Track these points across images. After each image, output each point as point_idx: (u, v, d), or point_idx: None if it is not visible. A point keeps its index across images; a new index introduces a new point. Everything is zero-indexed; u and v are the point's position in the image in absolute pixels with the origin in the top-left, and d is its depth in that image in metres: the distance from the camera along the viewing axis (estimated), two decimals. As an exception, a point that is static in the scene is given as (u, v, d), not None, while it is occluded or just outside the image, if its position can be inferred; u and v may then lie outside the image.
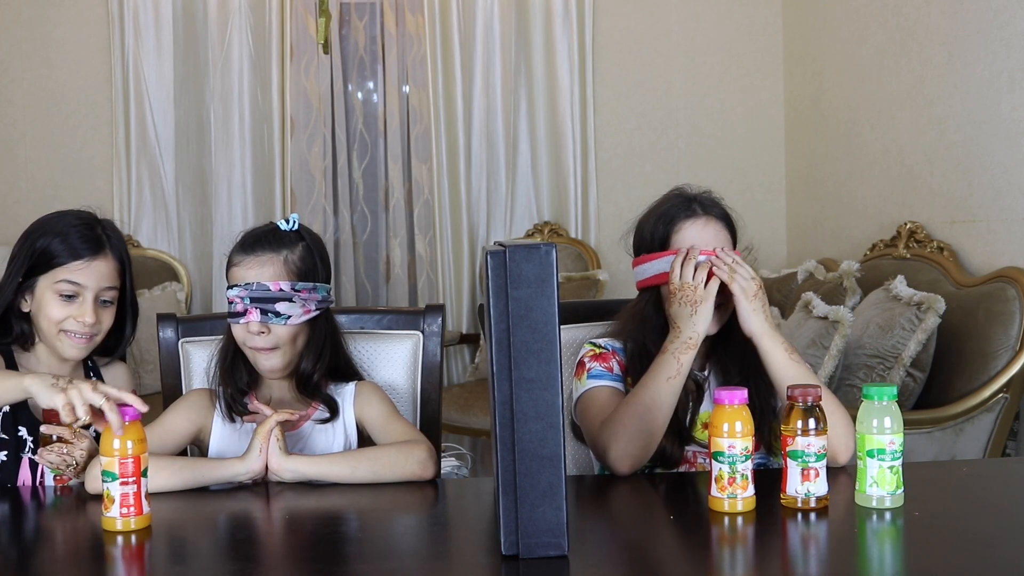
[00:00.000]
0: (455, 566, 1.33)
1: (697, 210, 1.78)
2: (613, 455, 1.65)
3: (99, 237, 1.80)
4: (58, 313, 1.76)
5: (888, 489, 1.42)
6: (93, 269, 1.78)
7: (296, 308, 1.73)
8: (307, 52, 4.55)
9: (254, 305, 1.71)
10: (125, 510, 1.40)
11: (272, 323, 1.72)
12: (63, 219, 1.80)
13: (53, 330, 1.77)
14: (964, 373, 2.72)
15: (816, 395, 1.43)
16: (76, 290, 1.77)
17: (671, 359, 1.69)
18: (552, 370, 1.23)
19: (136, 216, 4.53)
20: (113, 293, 1.82)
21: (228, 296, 1.74)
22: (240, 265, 1.75)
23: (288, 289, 1.72)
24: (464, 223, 4.55)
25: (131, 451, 1.41)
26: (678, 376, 1.68)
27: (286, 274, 1.74)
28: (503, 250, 1.23)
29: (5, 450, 1.76)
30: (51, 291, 1.77)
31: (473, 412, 3.76)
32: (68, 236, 1.77)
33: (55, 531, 1.58)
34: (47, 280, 1.77)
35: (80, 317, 1.76)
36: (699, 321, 1.69)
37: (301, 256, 1.76)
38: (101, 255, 1.79)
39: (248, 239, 1.77)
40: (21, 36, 4.49)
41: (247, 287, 1.72)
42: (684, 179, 4.92)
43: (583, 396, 1.79)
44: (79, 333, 1.77)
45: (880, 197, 3.66)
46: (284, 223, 1.79)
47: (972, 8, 3.07)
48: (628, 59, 4.60)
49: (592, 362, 1.81)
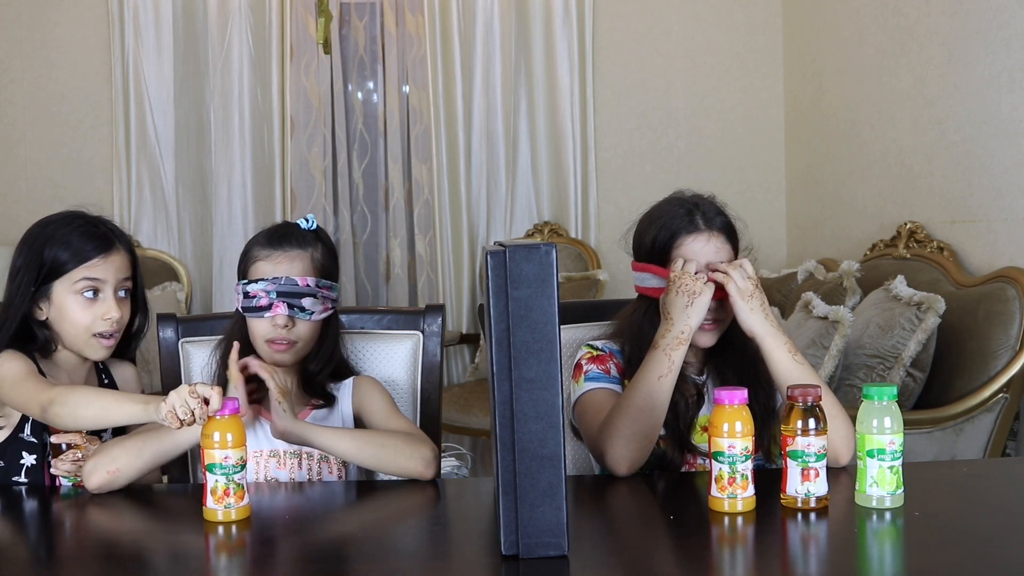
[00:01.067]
0: (455, 566, 1.33)
1: (700, 224, 1.75)
2: (610, 457, 1.65)
3: (105, 234, 1.79)
4: (84, 316, 1.75)
5: (888, 489, 1.42)
6: (110, 263, 1.77)
7: (318, 305, 1.75)
8: (307, 52, 4.55)
9: (281, 299, 1.72)
10: (227, 501, 1.44)
11: (298, 317, 1.73)
12: (64, 225, 1.77)
13: (83, 335, 1.76)
14: (964, 373, 2.72)
15: (816, 395, 1.43)
16: (97, 285, 1.75)
17: (662, 356, 1.66)
18: (552, 370, 1.23)
19: (136, 216, 4.53)
20: (129, 284, 1.81)
21: (249, 290, 1.73)
22: (267, 260, 1.76)
23: (314, 285, 1.74)
24: (464, 223, 4.55)
25: (231, 443, 1.44)
26: (670, 374, 1.66)
27: (312, 271, 1.76)
28: (503, 250, 1.23)
29: (35, 454, 1.76)
30: (72, 294, 1.75)
31: (473, 412, 3.76)
32: (75, 240, 1.75)
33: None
34: (64, 284, 1.75)
35: (107, 315, 1.75)
36: (693, 314, 1.67)
37: (323, 254, 1.79)
38: (113, 250, 1.78)
39: (274, 235, 1.79)
40: (21, 36, 4.49)
41: (275, 281, 1.72)
42: (684, 179, 4.93)
43: (581, 399, 1.78)
44: (108, 333, 1.76)
45: (880, 197, 3.66)
46: (304, 222, 1.81)
47: (972, 8, 3.07)
48: (628, 59, 4.60)
49: (589, 364, 1.80)
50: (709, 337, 1.75)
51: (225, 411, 1.45)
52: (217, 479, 1.44)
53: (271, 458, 1.77)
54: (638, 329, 1.79)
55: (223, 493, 1.44)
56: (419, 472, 1.69)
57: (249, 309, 1.75)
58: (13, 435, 1.75)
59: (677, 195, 1.83)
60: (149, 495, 1.70)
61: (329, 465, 1.80)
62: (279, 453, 1.78)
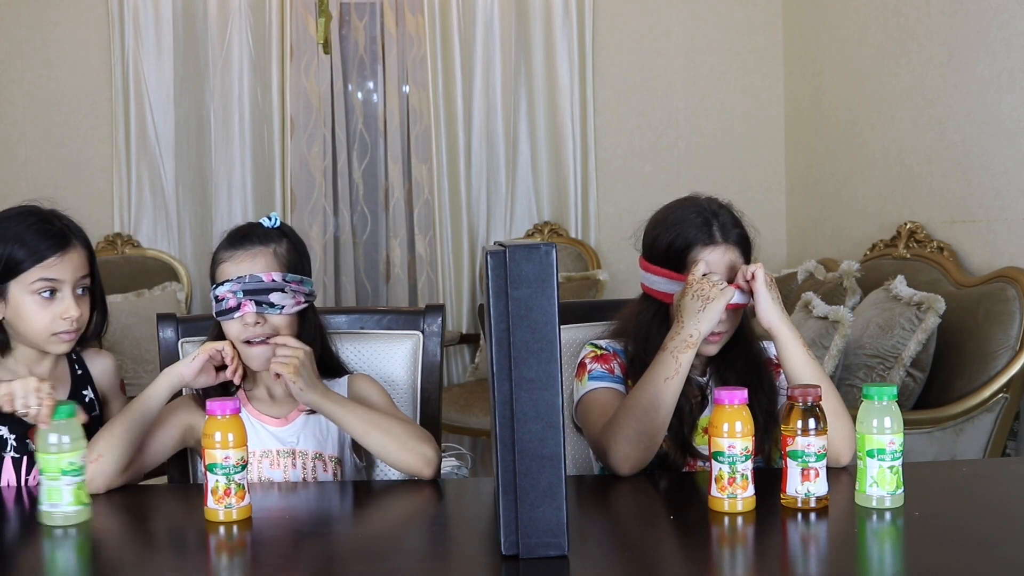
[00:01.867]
0: (455, 566, 1.33)
1: (716, 237, 1.73)
2: (614, 458, 1.65)
3: (61, 230, 1.74)
4: (42, 317, 1.71)
5: (888, 489, 1.42)
6: (67, 262, 1.73)
7: (288, 299, 1.74)
8: (307, 52, 4.55)
9: (247, 297, 1.71)
10: (228, 501, 1.44)
11: (267, 313, 1.73)
12: (17, 222, 1.73)
13: (42, 335, 1.72)
14: (964, 373, 2.72)
15: (816, 395, 1.43)
16: (54, 286, 1.71)
17: (669, 359, 1.66)
18: (552, 370, 1.23)
19: (136, 216, 4.53)
20: (87, 282, 1.77)
21: (217, 294, 1.73)
22: (230, 260, 1.75)
23: (280, 280, 1.73)
24: (464, 223, 4.55)
25: (232, 443, 1.44)
26: (677, 376, 1.65)
27: (277, 265, 1.75)
28: (503, 250, 1.23)
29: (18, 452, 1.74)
30: (28, 293, 1.71)
31: (473, 412, 3.76)
32: (30, 238, 1.71)
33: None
34: (20, 284, 1.71)
35: (65, 314, 1.71)
36: (704, 319, 1.65)
37: (287, 249, 1.78)
38: (70, 247, 1.74)
39: (234, 236, 1.78)
40: (21, 36, 4.49)
41: (239, 280, 1.72)
42: (684, 179, 4.92)
43: (584, 398, 1.78)
44: (68, 331, 1.73)
45: (880, 197, 3.66)
46: (266, 220, 1.80)
47: (972, 8, 3.07)
48: (628, 59, 4.60)
49: (593, 363, 1.80)
50: (714, 347, 1.75)
51: (226, 411, 1.45)
52: (218, 479, 1.44)
53: (263, 458, 1.77)
54: (644, 331, 1.78)
55: (224, 493, 1.44)
56: (418, 468, 1.69)
57: (221, 313, 1.74)
58: None
59: (693, 199, 1.80)
60: (150, 495, 1.71)
61: (324, 464, 1.80)
62: (272, 453, 1.78)
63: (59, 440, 1.46)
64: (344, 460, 1.83)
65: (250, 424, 1.76)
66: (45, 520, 1.46)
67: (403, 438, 1.70)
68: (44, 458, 1.46)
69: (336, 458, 1.82)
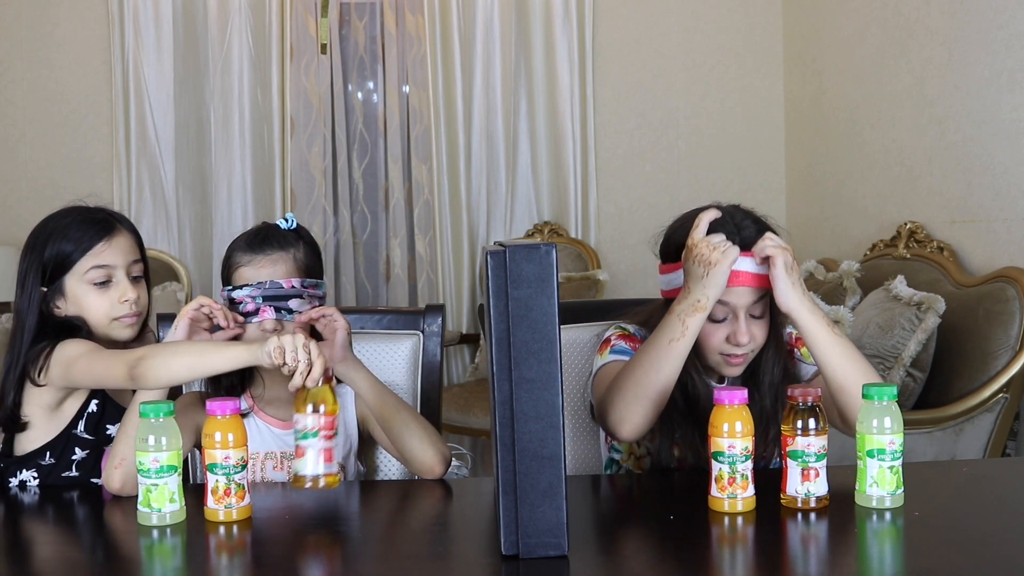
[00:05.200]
0: (455, 566, 1.33)
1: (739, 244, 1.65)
2: (612, 418, 1.62)
3: (105, 218, 1.76)
4: (101, 304, 1.72)
5: (888, 489, 1.42)
6: (115, 246, 1.74)
7: (305, 305, 1.73)
8: (307, 52, 4.55)
9: (267, 304, 1.70)
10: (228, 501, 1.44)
11: (286, 320, 1.72)
12: (62, 218, 1.75)
13: (104, 321, 1.72)
14: (964, 373, 2.72)
15: (816, 395, 1.43)
16: (108, 273, 1.72)
17: (676, 321, 1.60)
18: (552, 370, 1.23)
19: (136, 216, 4.52)
20: (140, 267, 1.78)
21: (235, 296, 1.72)
22: (250, 265, 1.74)
23: (299, 286, 1.72)
24: (464, 223, 4.55)
25: (232, 443, 1.44)
26: (682, 339, 1.59)
27: (296, 271, 1.75)
28: (503, 250, 1.24)
29: (87, 449, 1.74)
30: (84, 284, 1.72)
31: (473, 412, 3.76)
32: (74, 230, 1.72)
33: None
34: (75, 276, 1.72)
35: (123, 298, 1.72)
36: (711, 284, 1.58)
37: (305, 253, 1.78)
38: (116, 232, 1.75)
39: (254, 239, 1.76)
40: (21, 36, 4.49)
41: (259, 286, 1.70)
42: (684, 179, 4.90)
43: (602, 368, 1.73)
44: (129, 314, 1.73)
45: (880, 197, 3.66)
46: (283, 222, 1.79)
47: (972, 8, 3.07)
48: (628, 59, 4.60)
49: (618, 340, 1.76)
50: (736, 369, 1.69)
51: (226, 411, 1.45)
52: (218, 479, 1.44)
53: (267, 460, 1.77)
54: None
55: (224, 493, 1.44)
56: (432, 464, 1.69)
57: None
58: (66, 431, 1.73)
59: (715, 209, 1.69)
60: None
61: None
62: (275, 455, 1.77)
63: (156, 441, 1.42)
64: (348, 466, 1.82)
65: (255, 425, 1.76)
66: (142, 520, 1.44)
67: (421, 435, 1.72)
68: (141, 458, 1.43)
69: (339, 463, 1.81)
